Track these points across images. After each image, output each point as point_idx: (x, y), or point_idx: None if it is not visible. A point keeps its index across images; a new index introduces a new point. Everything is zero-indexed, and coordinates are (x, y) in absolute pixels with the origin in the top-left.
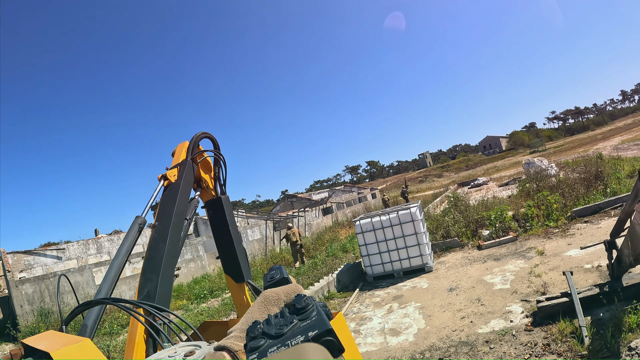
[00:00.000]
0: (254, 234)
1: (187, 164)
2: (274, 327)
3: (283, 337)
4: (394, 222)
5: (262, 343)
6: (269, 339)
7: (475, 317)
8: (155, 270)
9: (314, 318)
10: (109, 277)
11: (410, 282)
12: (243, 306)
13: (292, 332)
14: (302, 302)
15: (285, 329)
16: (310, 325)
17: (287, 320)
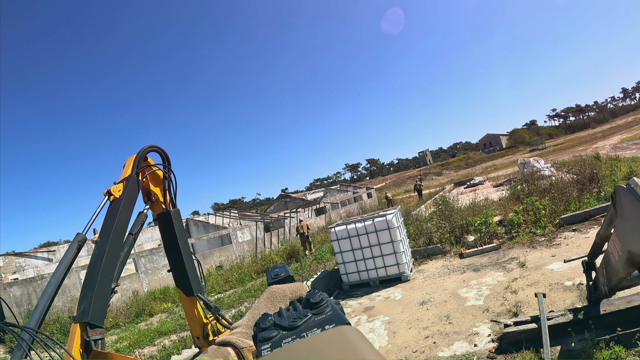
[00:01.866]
0: (244, 236)
1: (131, 179)
2: (287, 319)
3: (297, 330)
4: (369, 229)
5: (274, 334)
6: (281, 330)
7: (440, 337)
8: (91, 287)
9: (329, 313)
10: (46, 294)
11: (385, 292)
12: (194, 320)
13: (307, 325)
14: (317, 297)
15: (299, 322)
16: (326, 319)
17: (301, 314)
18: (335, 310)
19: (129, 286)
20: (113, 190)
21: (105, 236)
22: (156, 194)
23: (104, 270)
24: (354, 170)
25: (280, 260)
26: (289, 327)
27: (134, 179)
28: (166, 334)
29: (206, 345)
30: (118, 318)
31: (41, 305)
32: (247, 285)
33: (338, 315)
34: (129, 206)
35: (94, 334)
